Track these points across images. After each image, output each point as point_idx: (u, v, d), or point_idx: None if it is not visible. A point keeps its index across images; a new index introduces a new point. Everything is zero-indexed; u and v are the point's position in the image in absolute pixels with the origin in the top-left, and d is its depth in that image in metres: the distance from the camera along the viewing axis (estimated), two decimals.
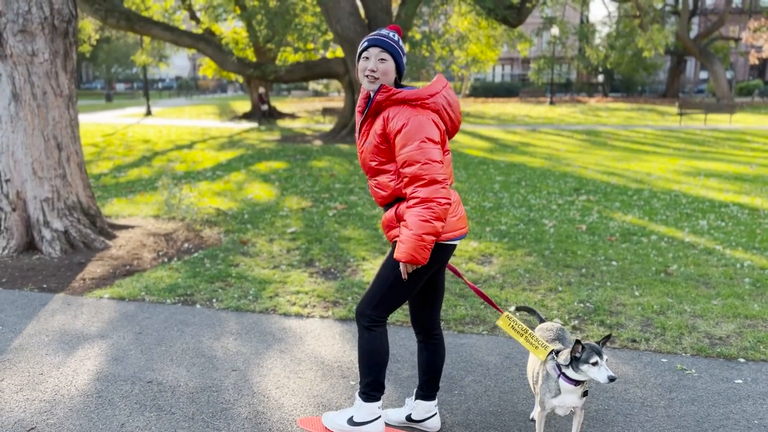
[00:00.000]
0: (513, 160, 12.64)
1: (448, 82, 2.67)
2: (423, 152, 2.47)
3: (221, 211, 7.75)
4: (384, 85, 2.56)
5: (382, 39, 2.59)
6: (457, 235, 2.65)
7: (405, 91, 2.55)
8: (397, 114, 2.53)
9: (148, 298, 4.72)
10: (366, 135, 2.65)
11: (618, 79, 47.11)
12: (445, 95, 2.61)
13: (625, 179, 10.08)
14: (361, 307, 2.74)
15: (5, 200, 5.99)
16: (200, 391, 3.30)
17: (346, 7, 16.73)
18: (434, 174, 2.47)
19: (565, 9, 26.60)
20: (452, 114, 2.64)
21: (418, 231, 2.47)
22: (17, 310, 4.51)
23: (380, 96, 2.55)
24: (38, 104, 5.95)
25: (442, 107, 2.59)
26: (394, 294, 2.67)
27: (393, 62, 2.60)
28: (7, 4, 5.70)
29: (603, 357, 2.46)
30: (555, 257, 5.67)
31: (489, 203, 8.18)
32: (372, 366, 2.73)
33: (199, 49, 21.13)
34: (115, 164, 12.59)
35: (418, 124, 2.49)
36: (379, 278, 2.70)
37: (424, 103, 2.55)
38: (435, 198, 2.46)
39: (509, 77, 58.68)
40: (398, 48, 2.61)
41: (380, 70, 2.58)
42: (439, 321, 2.91)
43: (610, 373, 2.43)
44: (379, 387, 2.76)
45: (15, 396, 3.26)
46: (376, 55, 2.58)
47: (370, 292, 2.73)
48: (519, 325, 2.72)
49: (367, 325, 2.72)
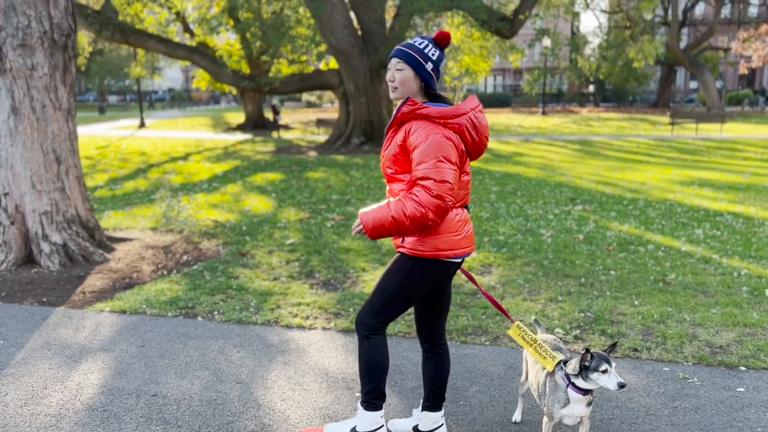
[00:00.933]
0: (508, 170, 12.71)
1: (479, 104, 2.68)
2: (438, 171, 2.50)
3: (219, 223, 7.75)
4: (411, 98, 2.58)
5: (400, 49, 2.63)
6: (459, 253, 2.66)
7: (431, 107, 2.56)
8: (418, 129, 2.55)
9: (149, 311, 4.72)
10: (389, 142, 2.69)
11: (609, 89, 47.49)
12: (472, 117, 2.62)
13: (619, 189, 10.16)
14: (360, 316, 2.76)
15: (4, 214, 5.98)
16: (206, 404, 3.30)
17: (340, 19, 16.84)
18: (443, 192, 2.50)
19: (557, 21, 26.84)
20: (476, 137, 2.65)
21: (392, 215, 2.53)
22: (18, 324, 4.50)
23: (406, 108, 2.58)
24: (37, 117, 5.95)
25: (465, 129, 2.60)
26: (393, 304, 2.70)
27: (411, 71, 2.61)
28: (7, 19, 5.72)
29: (612, 364, 2.49)
30: (554, 267, 5.71)
31: (486, 213, 8.22)
32: (372, 374, 2.74)
33: (194, 61, 21.18)
34: (111, 177, 12.57)
35: (437, 142, 2.51)
36: (380, 288, 2.71)
37: (446, 122, 2.56)
38: (428, 208, 2.49)
39: (501, 87, 59.06)
40: (418, 56, 2.60)
41: (397, 80, 2.62)
42: (444, 331, 2.93)
43: (620, 380, 2.46)
44: (380, 395, 2.77)
45: (20, 410, 3.25)
46: (394, 65, 2.64)
47: (370, 301, 2.75)
48: (529, 335, 2.75)
49: (366, 333, 2.73)
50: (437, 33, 2.65)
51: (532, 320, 3.15)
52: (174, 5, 24.22)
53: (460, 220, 2.66)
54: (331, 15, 16.61)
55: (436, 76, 2.66)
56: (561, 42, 24.73)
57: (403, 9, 16.96)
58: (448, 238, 2.62)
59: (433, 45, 2.65)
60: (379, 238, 2.59)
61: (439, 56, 2.65)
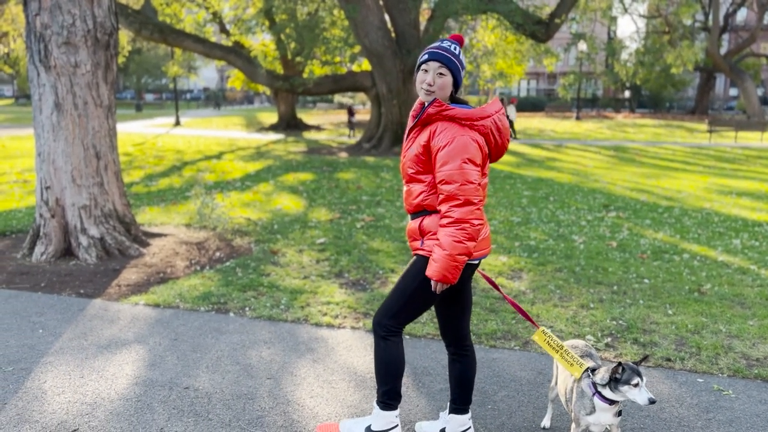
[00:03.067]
0: (540, 175, 12.59)
1: (502, 107, 2.68)
2: (462, 173, 2.49)
3: (251, 221, 7.85)
4: (437, 100, 2.58)
5: (442, 53, 2.59)
6: (476, 256, 2.67)
7: (457, 109, 2.56)
8: (444, 130, 2.55)
9: (182, 306, 4.81)
10: (412, 142, 2.69)
11: (645, 95, 46.70)
12: (496, 120, 2.61)
13: (654, 196, 9.98)
14: (378, 316, 2.76)
15: (45, 207, 6.15)
16: (236, 398, 3.35)
17: (374, 21, 16.90)
18: (470, 195, 2.49)
19: (594, 25, 26.49)
20: (499, 139, 2.65)
21: (451, 251, 2.50)
22: (57, 314, 4.62)
23: (432, 109, 2.57)
24: (79, 114, 6.11)
25: (490, 131, 2.60)
26: (412, 306, 2.70)
27: (451, 77, 2.60)
28: (53, 17, 5.89)
29: (643, 378, 2.46)
30: (586, 274, 5.64)
31: (517, 218, 8.16)
32: (388, 375, 2.75)
33: (230, 61, 21.48)
34: (147, 173, 12.82)
35: (463, 144, 2.51)
36: (398, 289, 2.72)
37: (473, 124, 2.56)
38: (469, 219, 2.49)
39: (535, 91, 58.54)
40: (458, 62, 2.61)
41: (437, 85, 2.59)
42: (469, 333, 2.92)
43: (651, 396, 2.42)
44: (395, 396, 2.78)
45: (57, 398, 3.34)
46: (435, 69, 2.59)
47: (388, 302, 2.75)
48: (554, 340, 2.72)
49: (383, 334, 2.74)
50: (454, 36, 2.66)
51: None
52: (211, 5, 24.62)
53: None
54: (366, 17, 16.68)
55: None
56: (597, 46, 24.41)
57: (438, 12, 16.95)
58: None
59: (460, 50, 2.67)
60: (459, 272, 2.55)
61: (464, 64, 2.68)
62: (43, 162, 6.15)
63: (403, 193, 2.80)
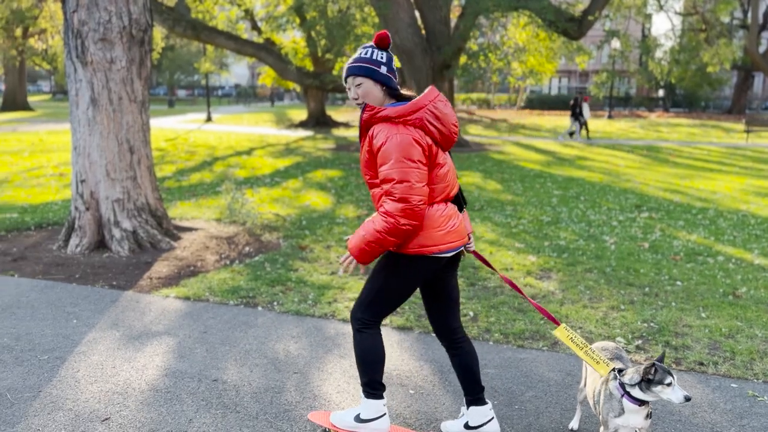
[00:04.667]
0: (570, 174, 12.44)
1: (438, 94, 2.67)
2: (398, 171, 2.54)
3: (280, 217, 7.91)
4: (368, 105, 2.65)
5: (350, 66, 2.69)
6: (445, 248, 2.67)
7: (388, 108, 2.61)
8: (379, 131, 2.60)
9: (212, 299, 4.87)
10: (361, 150, 2.76)
11: (680, 94, 45.75)
12: (432, 109, 2.62)
13: (688, 197, 9.78)
14: (353, 310, 2.85)
15: (80, 200, 6.28)
16: (263, 391, 3.38)
17: (405, 18, 16.87)
18: (404, 194, 2.53)
19: (628, 22, 26.05)
20: (441, 127, 2.64)
21: (364, 235, 2.61)
22: (90, 305, 4.72)
23: (365, 115, 2.66)
24: (114, 109, 6.22)
25: (427, 122, 2.60)
26: (382, 300, 2.77)
27: (370, 81, 2.66)
28: (90, 14, 6.00)
29: (674, 377, 2.41)
30: (617, 275, 5.55)
31: (547, 217, 8.08)
32: (367, 365, 2.81)
33: (260, 58, 21.67)
34: (178, 168, 13.01)
35: (396, 143, 2.55)
36: (369, 283, 2.80)
37: (406, 120, 2.59)
38: (395, 215, 2.53)
39: (566, 90, 57.81)
40: (368, 64, 2.66)
41: (360, 94, 2.68)
42: (459, 326, 2.95)
43: (686, 393, 2.38)
44: (377, 385, 2.84)
45: (90, 387, 3.41)
46: (351, 83, 2.70)
47: (360, 295, 2.83)
48: (578, 338, 2.70)
49: (358, 327, 2.82)
50: (375, 36, 2.71)
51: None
52: (243, 2, 24.84)
53: (443, 215, 2.68)
54: (397, 14, 16.66)
55: (393, 75, 2.71)
56: (631, 44, 24.00)
57: (469, 9, 16.84)
58: (431, 233, 2.64)
59: (376, 49, 2.71)
60: (370, 261, 2.65)
61: (387, 57, 2.70)
62: (79, 156, 6.28)
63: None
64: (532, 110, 44.84)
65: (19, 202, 8.89)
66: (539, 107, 45.73)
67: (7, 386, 3.40)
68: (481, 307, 4.71)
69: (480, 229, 7.38)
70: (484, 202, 9.11)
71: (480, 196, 9.66)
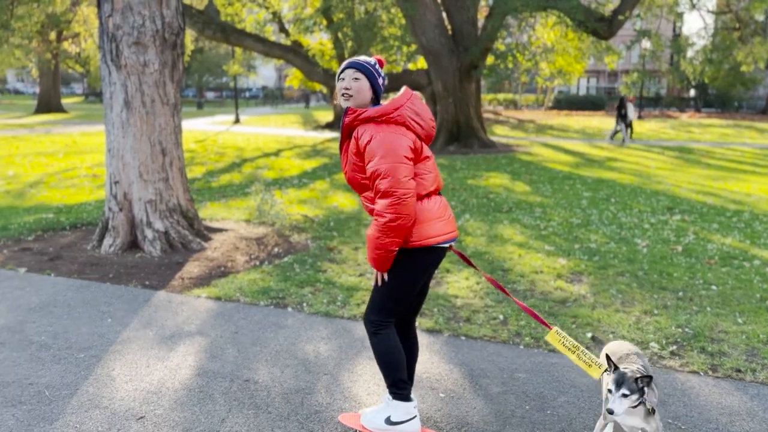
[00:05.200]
0: (600, 175, 12.28)
1: (413, 93, 2.80)
2: (384, 166, 2.61)
3: (308, 218, 7.96)
4: (350, 108, 2.72)
5: (356, 61, 2.78)
6: (446, 238, 2.76)
7: (370, 110, 2.70)
8: (364, 131, 2.68)
9: (242, 299, 4.91)
10: (346, 155, 2.81)
11: (712, 94, 44.87)
12: (410, 106, 2.73)
13: (722, 199, 9.58)
14: (365, 314, 2.89)
15: (114, 201, 6.40)
16: (294, 392, 3.40)
17: (431, 19, 16.84)
18: (391, 187, 2.59)
19: (659, 21, 25.62)
20: (422, 122, 2.76)
21: (370, 246, 2.70)
22: (124, 304, 4.80)
23: (348, 118, 2.72)
24: (147, 111, 6.32)
25: (409, 119, 2.71)
26: (393, 298, 2.81)
27: (367, 82, 2.75)
28: (125, 18, 6.11)
29: (621, 389, 2.44)
30: (649, 279, 5.46)
31: (577, 219, 7.99)
32: (389, 366, 2.84)
33: (288, 59, 21.83)
34: (208, 169, 13.17)
35: (381, 140, 2.63)
36: (375, 286, 2.84)
37: (389, 118, 2.68)
38: (385, 212, 2.60)
39: (595, 90, 57.10)
40: (374, 71, 2.77)
41: (354, 88, 2.74)
42: (414, 322, 3.06)
43: (611, 407, 2.43)
44: (402, 384, 2.86)
45: (125, 385, 3.47)
46: (351, 75, 2.75)
47: (371, 299, 2.88)
48: (569, 341, 2.72)
49: (373, 330, 2.85)
50: (375, 57, 2.85)
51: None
52: (271, 5, 25.06)
53: (441, 206, 2.78)
54: (423, 15, 16.64)
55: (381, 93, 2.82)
56: (663, 43, 23.60)
57: (497, 9, 16.74)
58: (433, 224, 2.72)
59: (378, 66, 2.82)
60: (385, 263, 2.71)
61: (383, 76, 2.83)
62: (113, 157, 6.39)
63: (359, 204, 2.92)
64: (560, 111, 44.38)
65: (55, 203, 9.09)
66: (567, 108, 45.24)
67: (46, 383, 3.48)
68: (511, 310, 4.68)
69: (508, 231, 7.33)
70: (513, 204, 9.05)
71: (508, 198, 9.59)
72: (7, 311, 4.62)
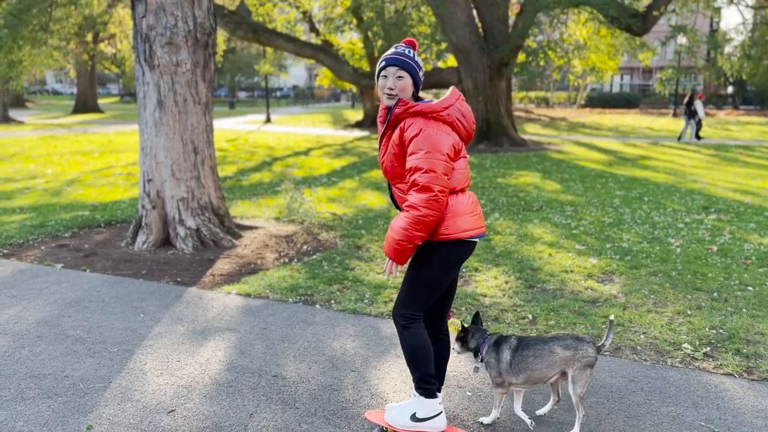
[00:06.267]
0: (633, 174, 12.07)
1: (461, 95, 2.82)
2: (427, 161, 2.63)
3: (337, 216, 8.00)
4: (402, 99, 2.74)
5: (398, 58, 2.76)
6: (479, 232, 2.80)
7: (421, 104, 2.72)
8: (412, 124, 2.70)
9: (272, 296, 4.97)
10: (386, 146, 2.83)
11: (751, 90, 43.69)
12: (458, 107, 2.76)
13: (760, 198, 9.33)
14: (395, 308, 2.88)
15: (147, 198, 6.52)
16: (321, 388, 3.43)
17: (462, 17, 16.75)
18: (430, 183, 2.62)
19: (695, 16, 25.04)
20: (466, 124, 2.80)
21: (394, 235, 2.70)
22: (156, 300, 4.89)
23: (398, 109, 2.74)
24: (179, 111, 6.43)
25: (455, 119, 2.74)
26: (421, 292, 2.82)
27: (410, 78, 2.77)
28: (158, 19, 6.22)
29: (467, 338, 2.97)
30: (683, 279, 5.35)
31: (609, 218, 7.86)
32: (418, 360, 2.85)
33: (318, 59, 21.95)
34: (239, 168, 13.33)
35: (428, 135, 2.66)
36: (406, 279, 2.86)
37: (438, 115, 2.71)
38: (419, 206, 2.62)
39: (628, 87, 56.10)
40: (414, 64, 2.78)
41: (398, 87, 2.75)
42: (446, 323, 3.06)
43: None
44: (430, 378, 2.86)
45: (156, 379, 3.54)
46: (394, 73, 2.75)
47: (400, 293, 2.88)
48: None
49: (403, 324, 2.85)
50: (407, 41, 2.83)
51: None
52: (302, 4, 25.23)
53: (472, 202, 2.82)
54: (454, 13, 16.56)
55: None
56: (699, 39, 23.07)
57: (528, 6, 16.57)
58: (466, 218, 2.76)
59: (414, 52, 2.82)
60: (406, 259, 2.73)
61: (421, 66, 2.84)
62: (146, 156, 6.52)
63: (390, 195, 2.93)
64: (593, 108, 43.76)
65: (90, 201, 9.30)
66: (600, 105, 44.57)
67: (80, 376, 3.57)
68: (540, 309, 4.63)
69: (539, 230, 7.25)
70: (543, 203, 8.95)
71: (539, 196, 9.49)
72: (44, 306, 4.75)
